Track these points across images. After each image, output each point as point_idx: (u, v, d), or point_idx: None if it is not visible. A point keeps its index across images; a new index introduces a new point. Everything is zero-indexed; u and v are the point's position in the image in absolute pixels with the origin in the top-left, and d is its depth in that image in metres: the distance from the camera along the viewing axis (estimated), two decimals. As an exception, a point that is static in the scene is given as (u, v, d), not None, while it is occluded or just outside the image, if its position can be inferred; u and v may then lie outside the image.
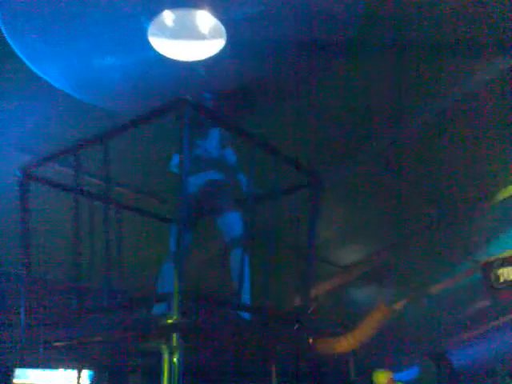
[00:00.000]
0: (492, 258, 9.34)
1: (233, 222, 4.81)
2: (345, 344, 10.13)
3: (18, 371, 8.08)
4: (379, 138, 6.69)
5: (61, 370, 8.35)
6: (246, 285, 4.67)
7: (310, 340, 4.85)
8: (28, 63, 5.19)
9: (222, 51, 5.09)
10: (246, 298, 4.63)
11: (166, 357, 3.47)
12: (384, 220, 8.32)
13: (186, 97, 3.65)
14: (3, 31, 4.83)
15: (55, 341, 4.27)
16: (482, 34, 5.29)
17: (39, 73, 5.31)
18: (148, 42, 5.01)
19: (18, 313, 4.41)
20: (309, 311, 4.87)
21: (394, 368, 9.75)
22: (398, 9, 4.88)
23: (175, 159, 4.86)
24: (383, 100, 6.00)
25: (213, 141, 5.03)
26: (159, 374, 3.47)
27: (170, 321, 3.48)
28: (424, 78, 5.82)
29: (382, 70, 5.60)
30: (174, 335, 3.49)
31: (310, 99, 5.86)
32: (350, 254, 9.65)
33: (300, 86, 5.65)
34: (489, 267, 9.31)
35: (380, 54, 5.38)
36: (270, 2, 4.60)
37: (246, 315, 4.44)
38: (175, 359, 3.44)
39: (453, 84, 6.02)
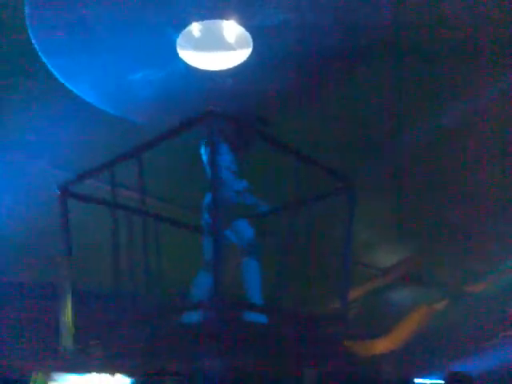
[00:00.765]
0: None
1: (243, 230, 4.87)
2: (384, 346, 10.08)
3: (57, 375, 8.17)
4: (410, 132, 6.64)
5: (95, 374, 8.40)
6: (256, 290, 4.72)
7: (347, 343, 4.85)
8: (60, 79, 5.28)
9: (249, 60, 5.13)
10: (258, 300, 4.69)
11: (205, 363, 3.52)
12: (422, 220, 8.24)
13: (215, 108, 3.70)
14: (36, 48, 4.93)
15: (97, 348, 4.37)
16: (487, 49, 5.26)
17: (71, 88, 5.40)
18: (177, 54, 5.08)
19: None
20: (347, 314, 4.87)
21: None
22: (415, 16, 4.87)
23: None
24: (407, 102, 5.98)
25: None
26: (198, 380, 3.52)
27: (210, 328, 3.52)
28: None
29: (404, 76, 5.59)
30: (214, 342, 3.53)
31: (334, 104, 5.87)
32: (388, 256, 9.59)
33: (324, 92, 5.66)
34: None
35: (398, 62, 5.38)
36: (294, 10, 4.62)
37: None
38: (215, 365, 3.49)
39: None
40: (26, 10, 4.51)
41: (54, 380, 7.87)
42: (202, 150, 5.11)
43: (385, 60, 5.33)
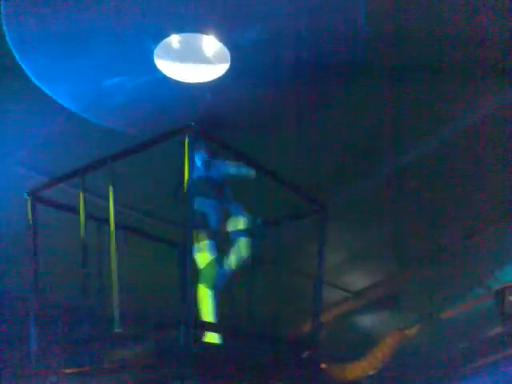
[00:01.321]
0: (505, 285, 9.24)
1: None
2: (358, 369, 10.05)
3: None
4: (387, 162, 6.67)
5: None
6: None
7: (323, 365, 4.81)
8: (36, 82, 5.23)
9: (227, 75, 5.12)
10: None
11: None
12: (394, 245, 8.26)
13: (191, 124, 3.67)
14: (12, 50, 4.88)
15: (66, 367, 4.28)
16: (485, 64, 5.28)
17: (47, 91, 5.35)
18: (154, 64, 5.06)
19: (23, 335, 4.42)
20: (319, 337, 4.84)
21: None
22: (401, 34, 4.87)
23: None
24: (387, 125, 5.99)
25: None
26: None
27: (190, 349, 3.48)
28: (427, 106, 5.83)
29: (386, 97, 5.59)
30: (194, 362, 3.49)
31: (314, 125, 5.86)
32: (360, 279, 9.60)
33: (303, 111, 5.66)
34: (502, 294, 9.20)
35: (384, 81, 5.38)
36: (274, 28, 4.62)
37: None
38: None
39: (456, 114, 6.03)
40: (3, 11, 4.46)
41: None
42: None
43: (365, 80, 5.33)
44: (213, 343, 4.29)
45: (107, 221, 4.29)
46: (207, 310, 4.52)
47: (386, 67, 5.14)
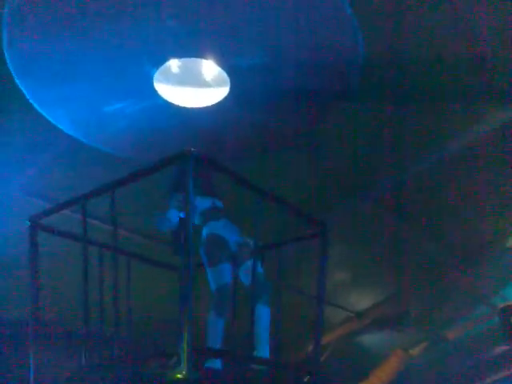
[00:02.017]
0: (509, 303, 9.22)
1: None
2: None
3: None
4: (385, 180, 6.69)
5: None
6: (265, 336, 4.56)
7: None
8: (37, 107, 5.25)
9: (226, 99, 5.14)
10: (265, 349, 4.51)
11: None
12: (396, 264, 8.24)
13: (190, 149, 3.67)
14: (13, 75, 4.91)
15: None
16: (482, 83, 5.31)
17: (47, 116, 5.37)
18: (154, 89, 5.08)
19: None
20: (320, 360, 4.80)
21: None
22: (397, 59, 4.91)
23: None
24: (385, 145, 6.02)
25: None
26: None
27: (178, 375, 3.43)
28: (425, 127, 5.85)
29: (384, 118, 5.62)
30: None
31: (313, 145, 5.89)
32: (363, 299, 9.55)
33: (302, 133, 5.68)
34: (506, 312, 9.18)
35: (382, 102, 5.41)
36: (273, 53, 4.65)
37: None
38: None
39: (454, 134, 6.06)
40: (4, 35, 4.50)
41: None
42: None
43: (363, 102, 5.36)
44: (213, 368, 4.26)
45: (109, 247, 4.30)
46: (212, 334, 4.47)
47: (382, 90, 5.18)
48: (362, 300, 9.52)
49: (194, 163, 3.71)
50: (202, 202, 4.82)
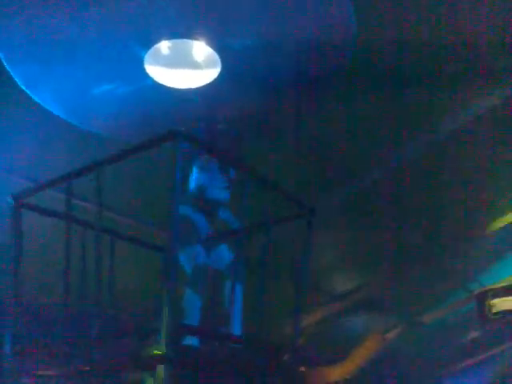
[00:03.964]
0: (485, 289, 9.32)
1: (222, 253, 4.81)
2: (337, 373, 10.06)
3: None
4: (373, 166, 6.72)
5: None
6: (238, 316, 4.65)
7: (302, 369, 4.79)
8: (24, 88, 5.20)
9: (217, 80, 5.13)
10: (237, 328, 4.60)
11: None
12: (377, 248, 8.30)
13: (179, 128, 3.65)
14: (0, 56, 4.85)
15: (43, 369, 4.23)
16: (478, 64, 5.34)
17: (35, 97, 5.31)
18: (144, 71, 5.05)
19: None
20: (299, 340, 4.84)
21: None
22: (392, 38, 4.91)
23: None
24: (378, 129, 6.04)
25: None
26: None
27: (156, 352, 3.44)
28: (418, 109, 5.86)
29: (377, 100, 5.63)
30: (160, 367, 3.45)
31: (304, 129, 5.89)
32: (342, 283, 9.62)
33: (295, 116, 5.69)
34: (482, 298, 9.28)
35: (375, 84, 5.42)
36: (264, 34, 4.65)
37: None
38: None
39: (447, 115, 6.07)
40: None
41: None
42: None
43: (355, 86, 5.37)
44: (191, 346, 4.29)
45: (93, 226, 4.28)
46: (189, 312, 4.52)
47: (375, 73, 5.19)
48: (341, 283, 9.59)
49: (182, 143, 3.69)
50: None
